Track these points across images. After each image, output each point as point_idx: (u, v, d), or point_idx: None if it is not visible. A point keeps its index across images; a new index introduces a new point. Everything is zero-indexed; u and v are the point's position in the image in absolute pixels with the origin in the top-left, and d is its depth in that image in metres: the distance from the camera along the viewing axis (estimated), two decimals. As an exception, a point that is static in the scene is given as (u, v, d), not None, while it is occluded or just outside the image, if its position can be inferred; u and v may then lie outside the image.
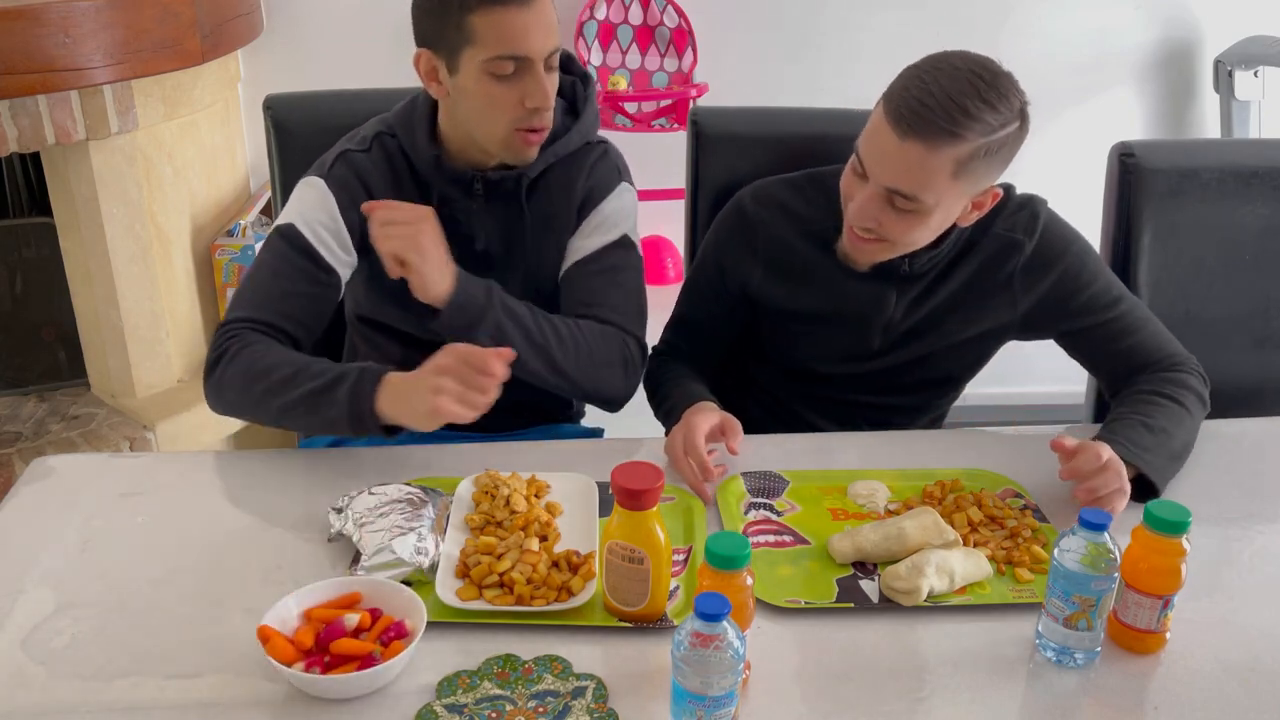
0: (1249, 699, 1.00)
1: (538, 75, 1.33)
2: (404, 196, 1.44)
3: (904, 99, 1.26)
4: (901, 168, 1.27)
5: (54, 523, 1.22)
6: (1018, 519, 1.24)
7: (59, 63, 2.14)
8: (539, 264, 1.50)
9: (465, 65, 1.33)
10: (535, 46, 1.31)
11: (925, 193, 1.28)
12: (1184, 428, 1.36)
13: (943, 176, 1.27)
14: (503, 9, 1.29)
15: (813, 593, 1.13)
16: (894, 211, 1.32)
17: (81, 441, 2.47)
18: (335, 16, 2.80)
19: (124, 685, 0.98)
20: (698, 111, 1.70)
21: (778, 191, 1.51)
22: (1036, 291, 1.46)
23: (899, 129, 1.26)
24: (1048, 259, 1.45)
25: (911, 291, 1.47)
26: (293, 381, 1.29)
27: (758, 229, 1.50)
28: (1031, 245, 1.45)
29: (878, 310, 1.48)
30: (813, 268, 1.48)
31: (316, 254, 1.40)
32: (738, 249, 1.51)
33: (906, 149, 1.26)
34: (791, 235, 1.49)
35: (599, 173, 1.49)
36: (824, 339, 1.53)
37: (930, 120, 1.24)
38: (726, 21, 2.82)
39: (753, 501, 1.29)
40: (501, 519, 1.19)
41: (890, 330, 1.50)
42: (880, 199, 1.31)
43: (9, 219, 2.68)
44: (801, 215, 1.49)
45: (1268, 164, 1.71)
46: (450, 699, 0.97)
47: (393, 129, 1.46)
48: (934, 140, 1.25)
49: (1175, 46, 2.97)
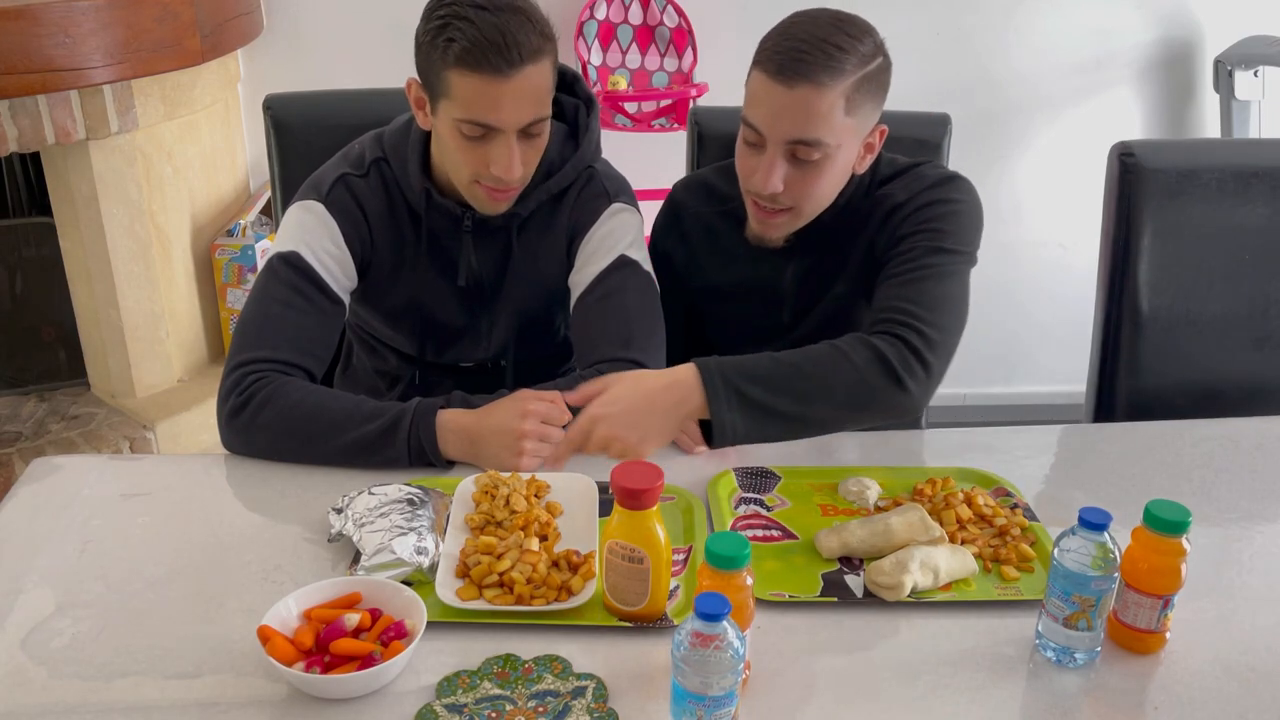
0: (1249, 699, 1.00)
1: (507, 145, 1.30)
2: (398, 225, 1.45)
3: (779, 52, 1.28)
4: (800, 115, 1.28)
5: (54, 523, 1.22)
6: (1007, 518, 1.24)
7: (59, 63, 2.14)
8: (527, 295, 1.51)
9: (441, 114, 1.31)
10: (506, 119, 1.28)
11: (826, 133, 1.29)
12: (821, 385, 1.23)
13: (837, 113, 1.29)
14: (477, 76, 1.25)
15: (797, 586, 1.13)
16: (798, 168, 1.32)
17: (81, 441, 2.47)
18: (335, 16, 2.80)
19: (124, 685, 0.98)
20: (698, 111, 1.70)
21: (705, 176, 1.56)
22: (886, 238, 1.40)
23: (784, 79, 1.27)
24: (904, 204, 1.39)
25: (801, 262, 1.48)
26: (344, 427, 1.30)
27: (680, 211, 1.55)
28: (903, 196, 1.40)
29: (777, 282, 1.51)
30: (729, 246, 1.51)
31: (325, 285, 1.39)
32: (668, 232, 1.57)
33: (797, 95, 1.27)
34: (711, 215, 1.53)
35: (583, 201, 1.48)
36: (741, 317, 1.55)
37: (812, 61, 1.26)
38: (726, 21, 2.82)
39: (743, 496, 1.29)
40: (501, 519, 1.19)
41: (793, 305, 1.52)
42: (782, 159, 1.32)
43: (9, 219, 2.69)
44: (722, 194, 1.52)
45: (1268, 164, 1.71)
46: (450, 699, 0.97)
47: (388, 157, 1.44)
48: (819, 78, 1.27)
49: (1175, 46, 2.97)
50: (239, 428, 1.33)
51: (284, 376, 1.34)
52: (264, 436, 1.32)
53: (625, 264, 1.44)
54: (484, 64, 1.24)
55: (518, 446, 1.27)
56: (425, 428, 1.29)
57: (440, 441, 1.29)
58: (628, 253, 1.45)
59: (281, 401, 1.31)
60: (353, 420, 1.30)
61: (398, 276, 1.48)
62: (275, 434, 1.31)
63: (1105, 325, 1.73)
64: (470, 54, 1.24)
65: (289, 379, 1.34)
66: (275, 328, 1.37)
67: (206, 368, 2.79)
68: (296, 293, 1.38)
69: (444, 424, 1.29)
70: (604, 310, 1.43)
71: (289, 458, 1.32)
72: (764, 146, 1.32)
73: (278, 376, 1.33)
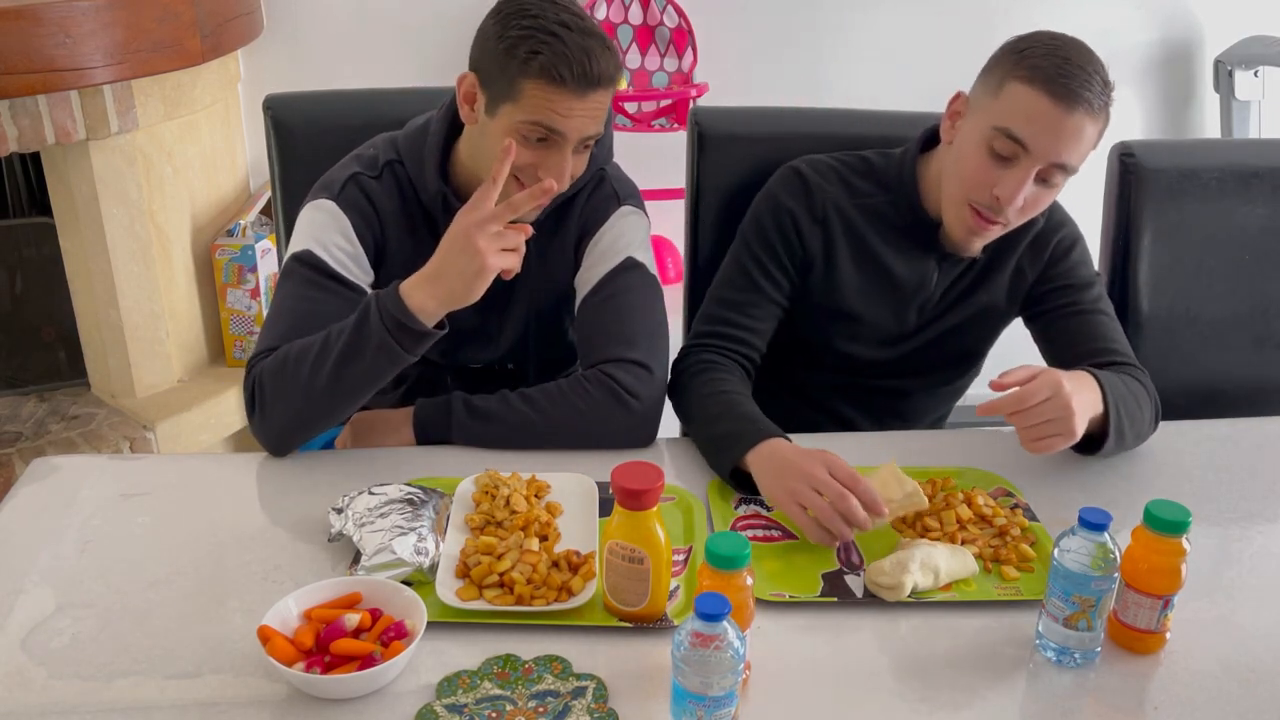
0: (1249, 699, 1.00)
1: (563, 153, 1.31)
2: (413, 227, 1.44)
3: (1062, 75, 1.29)
4: (1071, 140, 1.30)
5: (54, 523, 1.22)
6: (1008, 518, 1.24)
7: (59, 63, 2.14)
8: (537, 297, 1.51)
9: (501, 116, 1.31)
10: (573, 129, 1.29)
11: (1080, 161, 1.33)
12: (1143, 417, 1.37)
13: (1093, 143, 1.33)
14: (557, 89, 1.26)
15: (797, 587, 1.13)
16: (1040, 188, 1.35)
17: (81, 441, 2.47)
18: (335, 16, 2.80)
19: (124, 685, 0.98)
20: (698, 111, 1.70)
21: (833, 164, 1.54)
22: (1039, 263, 1.51)
23: (1064, 103, 1.28)
24: (1049, 231, 1.51)
25: (952, 268, 1.51)
26: (328, 349, 1.27)
27: (815, 194, 1.50)
28: (1042, 220, 1.49)
29: (921, 286, 1.51)
30: (866, 240, 1.50)
31: (340, 275, 1.38)
32: (798, 211, 1.49)
33: (1074, 121, 1.29)
34: (847, 204, 1.51)
35: (593, 204, 1.48)
36: (865, 315, 1.53)
37: (1091, 91, 1.29)
38: (726, 21, 2.82)
39: (744, 497, 1.29)
40: (501, 519, 1.19)
41: (925, 308, 1.53)
42: (1033, 177, 1.33)
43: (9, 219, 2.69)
44: (856, 187, 1.51)
45: (1268, 164, 1.71)
46: (450, 699, 0.97)
47: (403, 159, 1.44)
48: (1095, 109, 1.30)
49: (1175, 46, 2.97)
50: (258, 419, 1.32)
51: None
52: (277, 410, 1.31)
53: (632, 266, 1.44)
54: (565, 82, 1.25)
55: (479, 261, 1.22)
56: (393, 302, 1.25)
57: (408, 300, 1.24)
58: (635, 255, 1.45)
59: (274, 365, 1.30)
60: (331, 339, 1.28)
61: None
62: (283, 401, 1.30)
63: (1105, 325, 1.73)
64: (554, 70, 1.25)
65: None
66: (288, 321, 1.36)
67: (206, 368, 2.78)
68: (312, 286, 1.37)
69: (406, 287, 1.26)
70: (609, 311, 1.43)
71: (305, 415, 1.30)
72: (1016, 161, 1.32)
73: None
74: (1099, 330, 1.47)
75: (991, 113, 1.33)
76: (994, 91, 1.34)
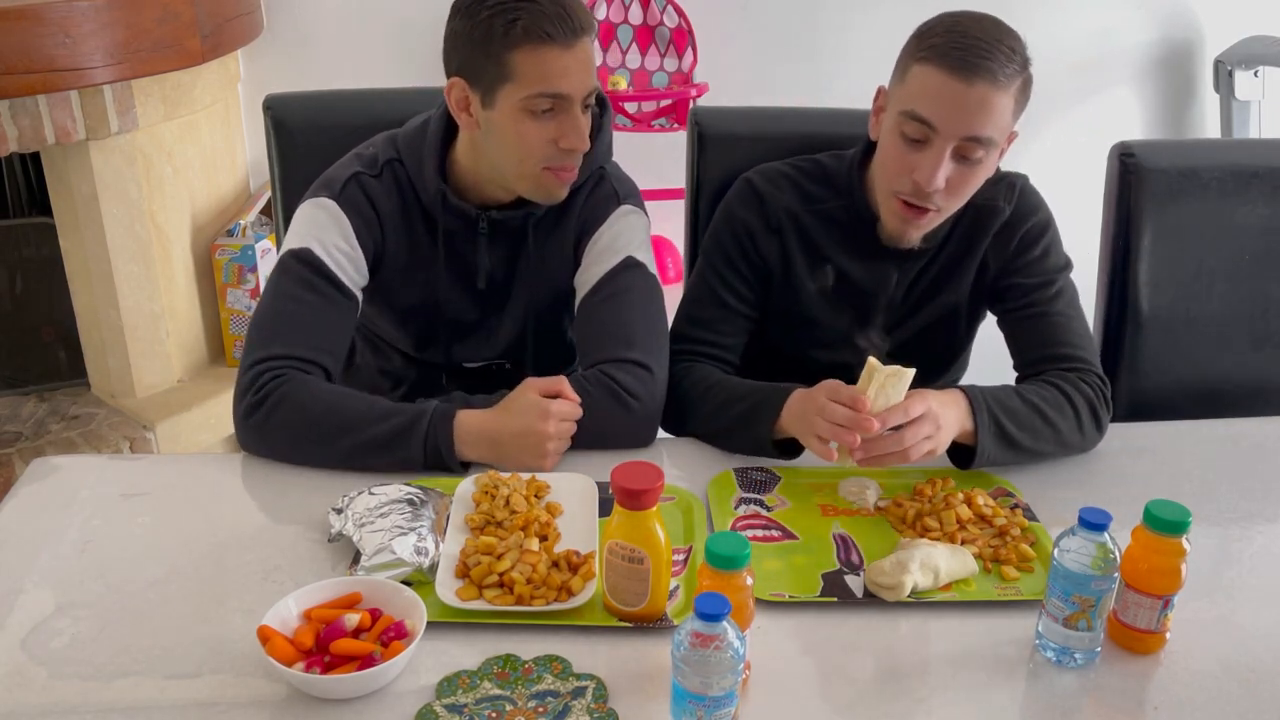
0: (1249, 699, 1.00)
1: (574, 115, 1.33)
2: (411, 226, 1.44)
3: (957, 49, 1.28)
4: (978, 112, 1.29)
5: (54, 523, 1.22)
6: (1007, 518, 1.24)
7: (59, 63, 2.14)
8: (536, 296, 1.51)
9: (502, 102, 1.31)
10: (575, 86, 1.31)
11: (996, 132, 1.31)
12: (1052, 426, 1.34)
13: (1007, 114, 1.31)
14: (546, 48, 1.28)
15: (797, 587, 1.13)
16: (958, 167, 1.33)
17: (81, 441, 2.47)
18: (335, 16, 2.80)
19: (124, 685, 0.98)
20: (698, 111, 1.70)
21: (785, 171, 1.52)
22: (1004, 254, 1.48)
23: (963, 76, 1.27)
24: (1016, 222, 1.48)
25: (911, 267, 1.49)
26: (358, 426, 1.29)
27: (767, 202, 1.50)
28: (1009, 210, 1.47)
29: (881, 287, 1.50)
30: (821, 245, 1.49)
31: (338, 279, 1.38)
32: (752, 222, 1.50)
33: (976, 92, 1.28)
34: (801, 211, 1.49)
35: (593, 202, 1.48)
36: (827, 321, 1.53)
37: (991, 59, 1.27)
38: (726, 21, 2.83)
39: (743, 497, 1.29)
40: (501, 519, 1.19)
41: (892, 310, 1.51)
42: (949, 156, 1.32)
43: (9, 219, 2.69)
44: (809, 193, 1.50)
45: (1268, 164, 1.70)
46: (450, 699, 0.97)
47: (402, 158, 1.44)
48: (998, 77, 1.28)
49: (1175, 46, 2.97)
50: (254, 427, 1.32)
51: (300, 374, 1.33)
52: (279, 436, 1.31)
53: (632, 265, 1.44)
54: (551, 37, 1.28)
55: (542, 448, 1.28)
56: (443, 430, 1.28)
57: (458, 444, 1.28)
58: (635, 254, 1.45)
59: (296, 400, 1.30)
60: (367, 420, 1.29)
61: (409, 277, 1.48)
62: (290, 433, 1.30)
63: (1105, 325, 1.73)
64: (536, 29, 1.27)
65: (305, 377, 1.33)
66: (290, 324, 1.36)
67: (206, 368, 2.78)
68: (309, 288, 1.37)
69: (463, 426, 1.29)
70: (608, 310, 1.43)
71: (303, 458, 1.31)
72: (929, 143, 1.32)
73: (293, 374, 1.32)
74: (1056, 334, 1.44)
75: (899, 99, 1.34)
76: (901, 78, 1.34)
